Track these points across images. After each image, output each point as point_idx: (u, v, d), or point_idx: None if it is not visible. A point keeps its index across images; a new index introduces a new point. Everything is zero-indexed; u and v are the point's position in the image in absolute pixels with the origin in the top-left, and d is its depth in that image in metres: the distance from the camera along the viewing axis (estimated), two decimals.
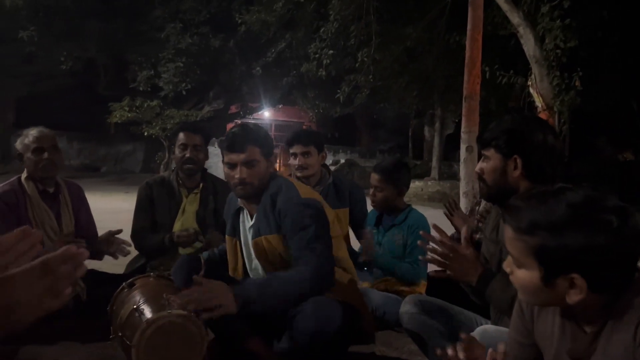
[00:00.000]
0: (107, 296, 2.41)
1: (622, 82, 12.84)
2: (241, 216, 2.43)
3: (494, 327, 1.68)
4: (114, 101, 17.14)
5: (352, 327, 2.19)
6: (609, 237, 1.08)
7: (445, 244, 1.75)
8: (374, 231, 3.14)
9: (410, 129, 23.34)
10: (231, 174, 2.25)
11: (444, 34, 11.68)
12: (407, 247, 2.99)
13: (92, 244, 2.87)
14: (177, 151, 3.25)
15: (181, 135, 3.26)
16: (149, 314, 2.01)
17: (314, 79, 13.62)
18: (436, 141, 16.80)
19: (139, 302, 2.11)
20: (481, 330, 1.63)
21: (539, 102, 8.42)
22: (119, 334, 2.08)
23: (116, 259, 2.93)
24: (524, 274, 1.19)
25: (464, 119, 5.76)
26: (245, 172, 2.22)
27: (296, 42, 14.30)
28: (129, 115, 16.72)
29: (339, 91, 12.78)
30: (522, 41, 8.46)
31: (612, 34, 10.58)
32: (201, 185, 3.29)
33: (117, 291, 2.35)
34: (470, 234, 1.79)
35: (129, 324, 2.05)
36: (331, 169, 3.63)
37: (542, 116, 7.95)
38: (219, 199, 3.25)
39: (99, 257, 2.99)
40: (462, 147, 5.75)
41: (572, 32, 8.13)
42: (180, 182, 3.28)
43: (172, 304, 1.96)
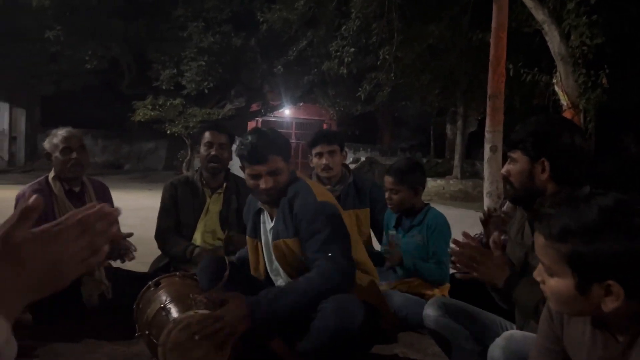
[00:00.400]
0: (132, 294, 2.44)
1: None
2: (262, 217, 2.45)
3: (521, 333, 1.65)
4: (137, 99, 17.38)
5: (373, 326, 2.19)
6: None
7: (473, 246, 1.74)
8: (393, 232, 3.12)
9: (431, 127, 23.15)
10: (256, 183, 2.26)
11: (467, 32, 11.56)
12: (429, 247, 2.97)
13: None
14: (202, 149, 3.28)
15: (207, 134, 3.29)
16: (175, 313, 2.03)
17: (335, 77, 13.60)
18: (458, 139, 16.62)
19: (166, 301, 2.14)
20: (507, 335, 1.61)
21: (564, 100, 8.28)
22: (146, 332, 2.11)
23: (123, 262, 2.91)
24: (557, 283, 1.16)
25: (488, 118, 5.70)
26: (270, 182, 2.24)
27: (317, 40, 14.31)
28: (152, 113, 16.93)
29: (360, 89, 12.74)
30: (547, 38, 8.33)
31: (639, 30, 10.34)
32: (224, 185, 3.31)
33: (144, 290, 2.38)
34: (500, 237, 1.77)
35: (155, 323, 2.08)
36: (352, 167, 3.63)
37: (567, 114, 7.83)
38: (241, 198, 3.26)
39: (115, 257, 3.02)
40: (486, 146, 5.69)
41: (599, 28, 7.98)
42: (204, 182, 3.30)
43: (198, 303, 1.98)
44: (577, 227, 1.11)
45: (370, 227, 3.45)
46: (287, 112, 25.02)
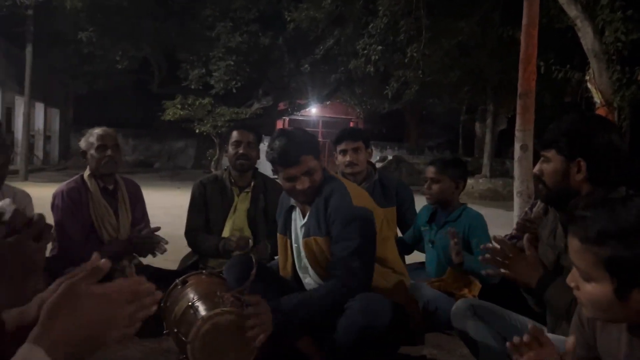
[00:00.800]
0: (161, 291, 2.48)
1: None
2: (293, 214, 2.45)
3: (552, 336, 1.61)
4: (167, 99, 17.67)
5: (401, 327, 2.18)
6: None
7: (507, 244, 1.70)
8: (426, 228, 3.10)
9: (460, 125, 22.90)
10: (292, 185, 2.26)
11: (497, 28, 11.38)
12: (472, 245, 2.92)
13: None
14: (230, 149, 3.31)
15: (235, 133, 3.33)
16: (203, 311, 2.05)
17: (362, 75, 13.57)
18: (488, 137, 16.40)
19: (193, 299, 2.16)
20: None
21: (597, 98, 8.08)
22: (174, 330, 2.13)
23: (154, 256, 3.01)
24: (594, 288, 1.13)
25: (518, 116, 5.59)
26: (307, 182, 2.24)
27: (344, 39, 14.29)
28: (181, 112, 17.18)
29: (387, 87, 12.68)
30: (579, 34, 8.13)
31: None
32: (252, 184, 3.34)
33: (171, 288, 2.40)
34: (534, 237, 1.74)
35: (184, 321, 2.10)
36: (378, 165, 3.60)
37: (600, 112, 7.64)
38: (268, 197, 3.29)
39: (145, 254, 3.08)
40: (517, 145, 5.58)
41: (634, 23, 7.76)
42: (232, 181, 3.34)
43: (226, 301, 2.00)
44: (616, 230, 1.07)
45: (397, 226, 3.43)
46: (313, 110, 25.08)
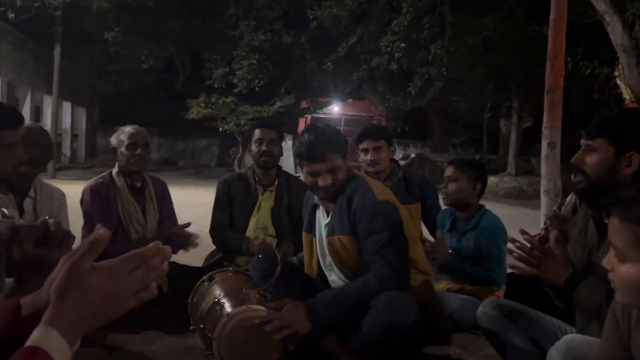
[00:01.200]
0: (187, 288, 2.51)
1: None
2: (317, 212, 2.45)
3: (582, 337, 1.58)
4: (191, 98, 17.87)
5: (427, 326, 2.17)
6: None
7: (535, 243, 1.67)
8: (446, 234, 3.06)
9: (484, 123, 22.63)
10: (314, 181, 2.27)
11: (522, 24, 11.21)
12: (482, 250, 2.89)
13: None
14: (253, 146, 3.33)
15: (257, 131, 3.35)
16: (229, 308, 2.07)
17: (385, 72, 13.50)
18: (513, 135, 16.18)
19: (219, 295, 2.18)
20: (568, 339, 1.55)
21: (627, 94, 7.91)
22: (200, 326, 2.16)
23: (187, 251, 3.04)
24: (629, 269, 1.11)
25: (545, 113, 5.49)
26: (329, 179, 2.24)
27: (367, 36, 14.22)
28: (205, 111, 17.36)
29: (410, 85, 12.59)
30: (608, 29, 7.96)
31: None
32: (276, 182, 3.35)
33: (197, 284, 2.43)
34: (562, 235, 1.70)
35: (210, 317, 2.13)
36: (401, 163, 3.58)
37: None
38: (292, 195, 3.30)
39: (175, 251, 3.12)
40: (544, 142, 5.48)
41: None
42: (256, 179, 3.35)
43: (251, 299, 2.01)
44: None
45: (421, 223, 3.40)
46: (336, 108, 25.03)
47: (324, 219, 2.41)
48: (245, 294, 2.06)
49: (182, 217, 3.35)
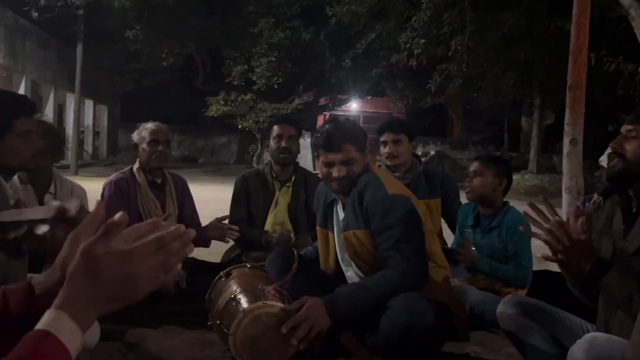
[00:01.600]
0: (205, 284, 2.53)
1: None
2: (335, 208, 2.44)
3: (605, 335, 1.54)
4: (210, 95, 18.00)
5: (445, 324, 2.15)
6: None
7: (562, 226, 1.62)
8: (470, 232, 3.02)
9: (505, 120, 22.37)
10: (328, 171, 2.26)
11: (544, 19, 11.03)
12: (508, 249, 2.84)
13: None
14: (272, 143, 3.33)
15: (276, 127, 3.34)
16: (245, 304, 2.07)
17: (404, 69, 13.42)
18: (534, 132, 15.94)
19: (236, 291, 2.18)
20: (590, 337, 1.51)
21: None
22: (217, 322, 2.17)
23: (227, 242, 3.16)
24: None
25: (568, 110, 5.39)
26: (343, 170, 2.23)
27: (386, 33, 14.15)
28: (224, 108, 17.48)
29: (430, 81, 12.50)
30: (633, 24, 7.79)
31: None
32: (293, 178, 3.35)
33: (215, 280, 2.44)
34: (585, 222, 1.66)
35: (226, 313, 2.13)
36: None
37: None
38: (309, 191, 3.29)
39: (206, 244, 3.14)
40: (566, 139, 5.38)
41: None
42: (274, 175, 3.36)
43: (267, 295, 2.01)
44: None
45: (441, 219, 3.37)
46: (354, 105, 24.99)
47: (341, 214, 2.40)
48: (261, 289, 2.06)
49: (201, 214, 3.38)
